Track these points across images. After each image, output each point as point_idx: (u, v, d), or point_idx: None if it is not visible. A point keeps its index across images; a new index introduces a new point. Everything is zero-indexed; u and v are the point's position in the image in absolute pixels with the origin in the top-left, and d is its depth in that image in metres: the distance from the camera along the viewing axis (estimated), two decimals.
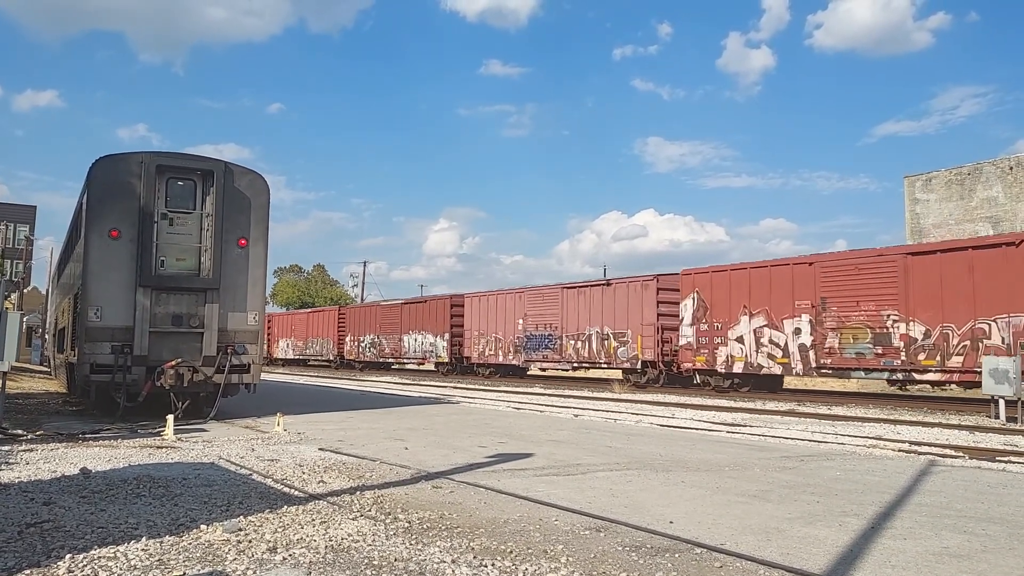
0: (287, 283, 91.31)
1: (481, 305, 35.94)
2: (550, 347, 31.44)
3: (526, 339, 32.79)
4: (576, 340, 30.34)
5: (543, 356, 31.91)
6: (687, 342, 25.32)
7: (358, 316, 46.22)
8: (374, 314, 44.40)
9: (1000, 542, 5.13)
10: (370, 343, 44.28)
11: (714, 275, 24.77)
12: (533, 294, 33.11)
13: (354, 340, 45.76)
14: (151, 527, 5.10)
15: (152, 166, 12.90)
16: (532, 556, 4.57)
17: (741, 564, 4.48)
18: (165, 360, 12.64)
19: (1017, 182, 35.43)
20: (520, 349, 33.04)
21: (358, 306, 47.34)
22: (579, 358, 30.16)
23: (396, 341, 41.62)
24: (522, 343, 32.91)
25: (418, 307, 40.71)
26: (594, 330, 29.53)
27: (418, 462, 8.42)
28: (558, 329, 31.13)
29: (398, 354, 41.53)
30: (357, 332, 45.57)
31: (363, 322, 45.19)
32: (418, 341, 39.97)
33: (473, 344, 36.04)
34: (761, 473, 8.05)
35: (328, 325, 49.34)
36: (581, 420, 14.70)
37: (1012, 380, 15.24)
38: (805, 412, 17.37)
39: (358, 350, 45.22)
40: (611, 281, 29.42)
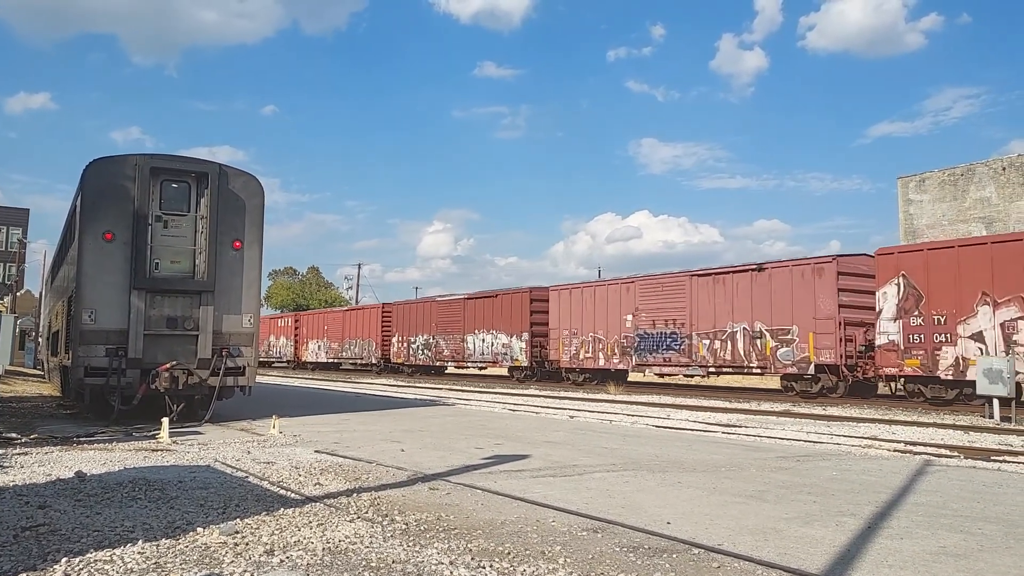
0: (281, 285, 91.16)
1: (573, 299, 30.43)
2: (674, 348, 25.95)
3: (637, 339, 27.26)
4: (712, 339, 24.74)
5: (664, 359, 26.40)
6: (889, 341, 19.82)
7: (408, 314, 41.09)
8: (429, 311, 39.35)
9: (996, 541, 5.14)
10: (423, 344, 39.62)
11: (930, 254, 19.46)
12: (648, 284, 27.47)
13: (402, 341, 41.16)
14: (147, 530, 5.08)
15: (146, 168, 12.87)
16: (530, 557, 4.56)
17: (739, 564, 4.49)
18: (160, 363, 12.60)
19: (1010, 183, 35.57)
20: (629, 351, 27.66)
21: (409, 302, 41.71)
22: (717, 361, 24.60)
23: (457, 342, 36.82)
24: (632, 343, 27.46)
25: (487, 302, 35.25)
26: (739, 326, 23.82)
27: (415, 464, 8.40)
28: (685, 326, 25.55)
29: (459, 357, 36.80)
30: (406, 332, 40.86)
31: (414, 321, 40.27)
32: (486, 342, 35.09)
33: (562, 345, 30.62)
34: (757, 473, 8.06)
35: (369, 325, 44.65)
36: (576, 421, 14.70)
37: (1006, 380, 15.29)
38: (800, 412, 17.40)
39: (408, 352, 40.63)
40: (764, 265, 23.49)
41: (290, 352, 52.57)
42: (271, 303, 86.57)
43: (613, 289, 28.83)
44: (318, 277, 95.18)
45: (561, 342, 30.76)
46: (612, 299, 28.65)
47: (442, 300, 38.93)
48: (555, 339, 31.14)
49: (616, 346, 28.37)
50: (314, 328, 50.86)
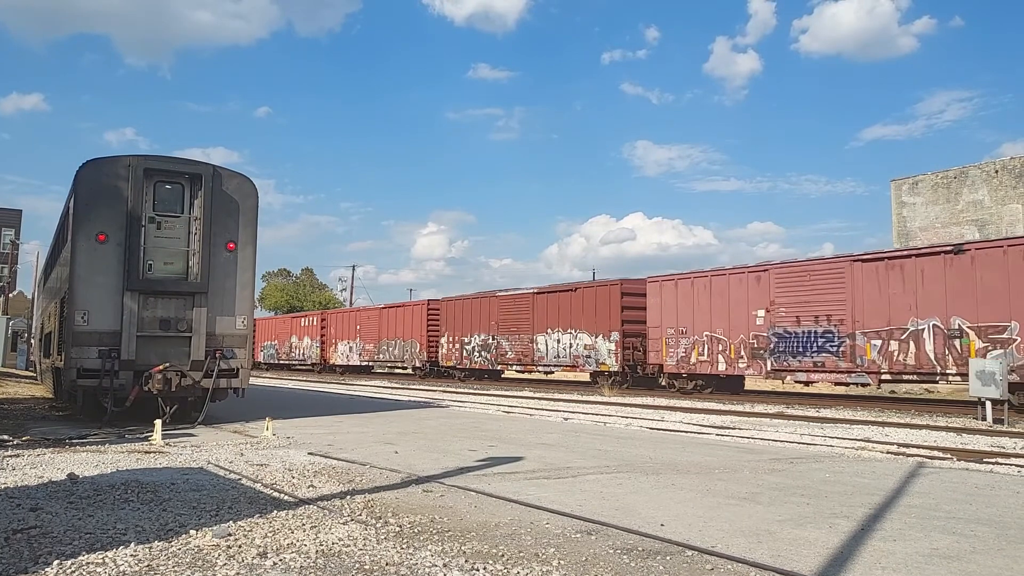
0: (275, 287, 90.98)
1: (680, 292, 25.59)
2: (828, 350, 21.00)
3: (774, 339, 22.38)
4: (886, 339, 19.92)
5: (814, 363, 21.48)
6: None
7: (461, 311, 36.34)
8: (488, 308, 34.59)
9: (989, 543, 5.15)
10: (480, 346, 34.84)
11: None
12: (788, 273, 22.45)
13: (454, 341, 36.65)
14: (140, 532, 5.06)
15: (139, 169, 12.83)
16: (524, 559, 4.56)
17: (732, 566, 4.49)
18: (153, 364, 12.56)
19: (1002, 185, 35.72)
20: (762, 353, 22.76)
21: (462, 298, 36.73)
22: (893, 366, 19.73)
23: (524, 343, 32.13)
24: (765, 345, 22.60)
25: (564, 297, 30.54)
26: (927, 323, 19.04)
27: (408, 466, 8.39)
28: (844, 323, 20.76)
29: (527, 359, 32.03)
30: (458, 331, 36.25)
31: (469, 318, 35.66)
32: (563, 343, 30.36)
33: (665, 347, 25.87)
34: (751, 475, 8.07)
35: (412, 323, 39.95)
36: (571, 423, 14.70)
37: (998, 382, 15.34)
38: (794, 415, 17.43)
39: (461, 354, 36.03)
40: (964, 247, 18.80)
41: (316, 354, 48.47)
42: (265, 305, 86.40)
43: (738, 279, 23.82)
44: (312, 279, 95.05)
45: (664, 343, 25.88)
46: (736, 291, 23.77)
47: (505, 295, 34.13)
48: (656, 339, 26.28)
49: (743, 347, 23.42)
50: (344, 327, 46.08)
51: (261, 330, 55.70)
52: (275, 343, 54.12)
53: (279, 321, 56.15)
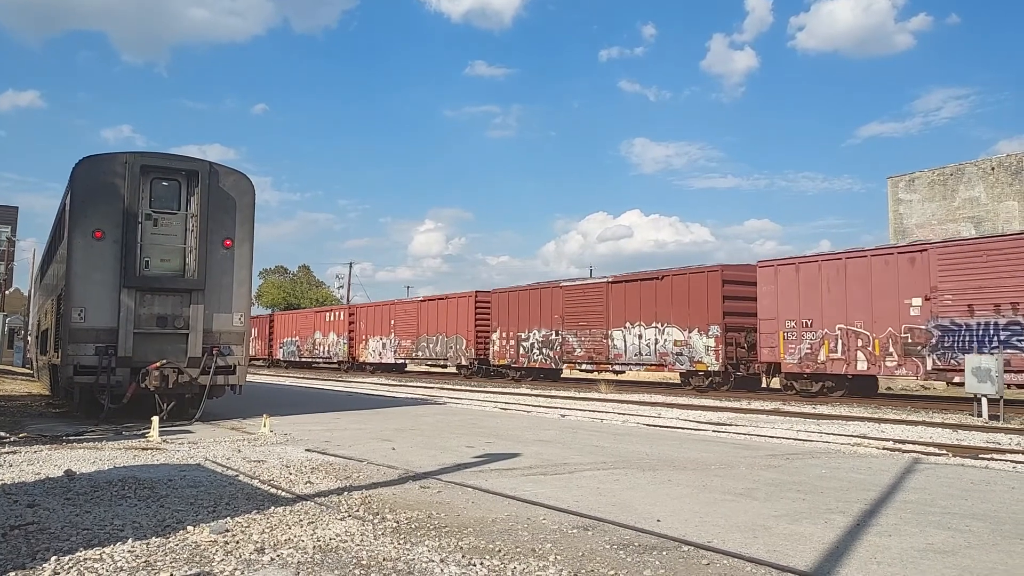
0: (272, 284, 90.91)
1: (802, 278, 21.97)
2: (1016, 344, 17.51)
3: (937, 332, 18.97)
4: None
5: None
6: None
7: (517, 304, 32.52)
8: (550, 300, 30.80)
9: (984, 538, 5.18)
10: (541, 342, 31.25)
11: None
12: (955, 253, 18.93)
13: (507, 338, 32.90)
14: (137, 528, 5.07)
15: (136, 166, 12.82)
16: (521, 555, 4.57)
17: (728, 561, 4.51)
18: (150, 361, 12.55)
19: (999, 182, 35.79)
20: (919, 350, 19.35)
21: (517, 289, 32.86)
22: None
23: (597, 339, 28.45)
24: (925, 339, 19.20)
25: (647, 287, 26.71)
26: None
27: (405, 462, 8.40)
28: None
29: (601, 357, 28.25)
30: (513, 326, 32.50)
31: (526, 312, 31.76)
32: (646, 338, 26.61)
33: (783, 342, 22.33)
34: (747, 471, 8.09)
35: (456, 317, 36.23)
36: (568, 420, 14.72)
37: (994, 379, 15.39)
38: (790, 411, 17.47)
39: (517, 352, 32.40)
40: None
41: (343, 351, 45.36)
42: (262, 302, 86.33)
43: (883, 262, 20.26)
44: (309, 276, 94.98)
45: (782, 337, 22.31)
46: (881, 276, 20.18)
47: (573, 285, 30.47)
48: (769, 333, 22.67)
49: (893, 343, 19.92)
50: (376, 322, 42.48)
51: (281, 326, 53.38)
52: (296, 339, 51.02)
53: (301, 316, 52.76)
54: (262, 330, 54.67)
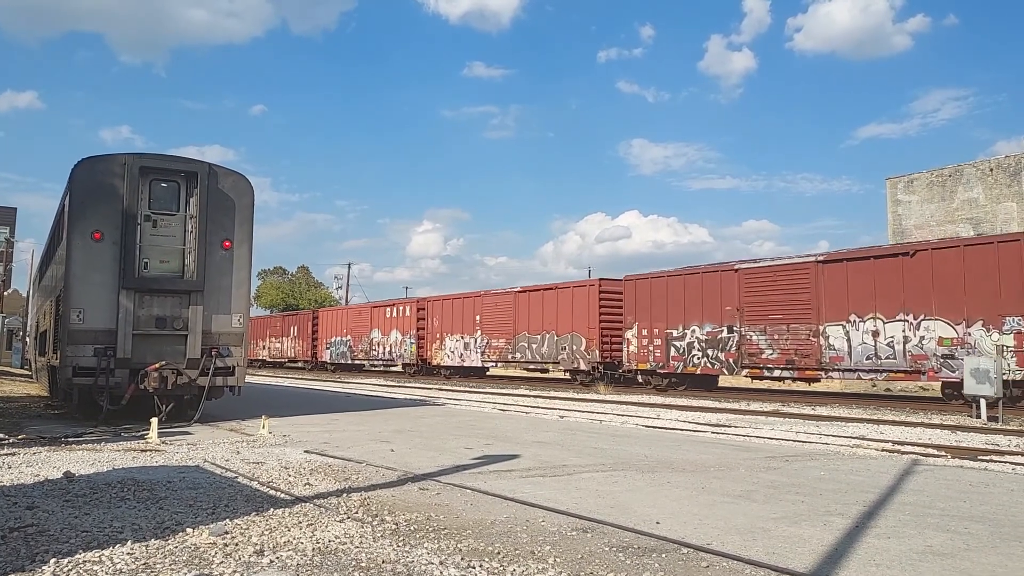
0: (271, 285, 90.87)
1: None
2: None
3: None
4: None
5: None
6: None
7: (662, 292, 25.56)
8: (717, 286, 23.86)
9: (983, 540, 5.18)
10: (706, 340, 24.12)
11: None
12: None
13: (650, 335, 26.00)
14: (136, 530, 5.07)
15: (135, 167, 12.82)
16: (520, 557, 4.57)
17: (727, 564, 4.51)
18: (148, 363, 12.55)
19: (997, 184, 35.83)
20: None
21: (661, 275, 25.99)
22: None
23: (800, 337, 21.71)
24: None
25: (886, 266, 20.00)
26: None
27: (404, 464, 8.40)
28: None
29: (808, 361, 21.38)
30: (659, 320, 25.53)
31: (678, 302, 24.96)
32: (886, 335, 19.84)
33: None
34: (746, 473, 8.09)
35: (570, 311, 29.25)
36: (567, 421, 14.72)
37: (993, 380, 15.39)
38: (789, 412, 17.47)
39: (668, 353, 25.26)
40: None
41: (410, 352, 38.94)
42: (260, 303, 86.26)
43: None
44: (308, 276, 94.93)
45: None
46: None
47: (757, 267, 23.06)
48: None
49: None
50: (455, 318, 35.94)
51: (327, 323, 46.95)
52: (347, 339, 44.62)
53: (353, 313, 45.73)
54: (303, 328, 49.80)
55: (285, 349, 51.80)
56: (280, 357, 52.66)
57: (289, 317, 53.66)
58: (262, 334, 54.54)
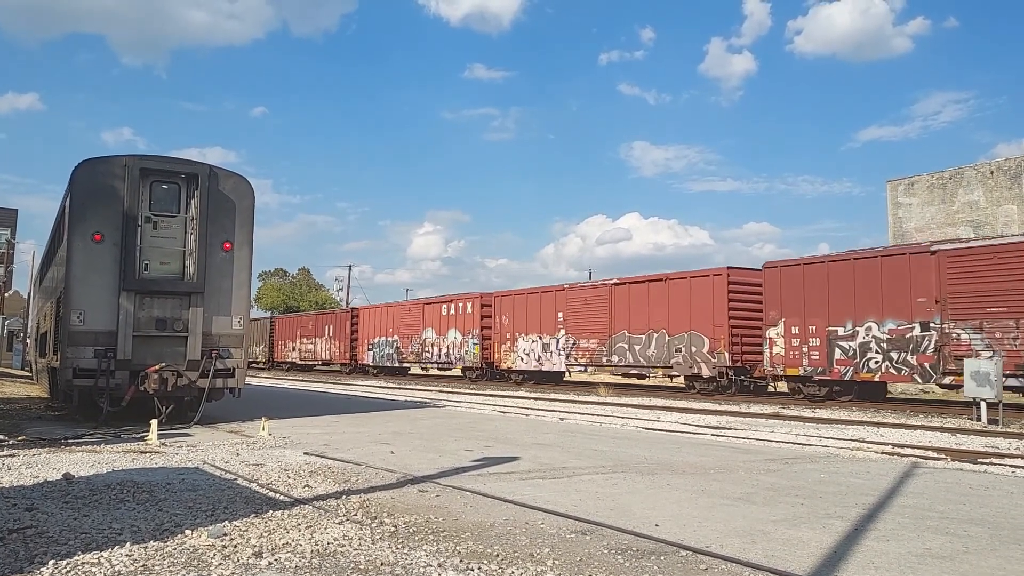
0: (272, 287, 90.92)
1: None
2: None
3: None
4: None
5: None
6: None
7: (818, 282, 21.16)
8: (905, 271, 19.31)
9: (982, 543, 5.18)
10: (885, 341, 19.61)
11: None
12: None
13: (802, 334, 21.50)
14: (135, 532, 5.07)
15: (136, 169, 12.83)
16: (518, 559, 4.57)
17: (726, 566, 4.51)
18: (149, 364, 12.55)
19: (998, 186, 35.82)
20: None
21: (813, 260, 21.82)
22: None
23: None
24: None
25: None
26: None
27: (404, 466, 8.40)
28: None
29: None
30: (815, 316, 21.17)
31: (840, 293, 20.63)
32: None
33: None
34: (746, 476, 8.09)
35: (690, 306, 24.82)
36: (567, 424, 14.71)
37: (993, 383, 15.38)
38: (790, 415, 17.46)
39: (830, 355, 20.74)
40: None
41: (472, 354, 34.64)
42: (261, 304, 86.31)
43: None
44: (308, 278, 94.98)
45: None
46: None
47: (966, 248, 18.66)
48: None
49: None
50: (530, 315, 31.62)
51: (369, 323, 43.20)
52: (395, 339, 40.62)
53: (401, 309, 41.68)
54: (340, 328, 46.27)
55: (319, 351, 48.49)
56: (313, 359, 49.22)
57: (324, 316, 50.40)
58: (291, 334, 52.08)
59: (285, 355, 52.35)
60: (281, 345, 53.27)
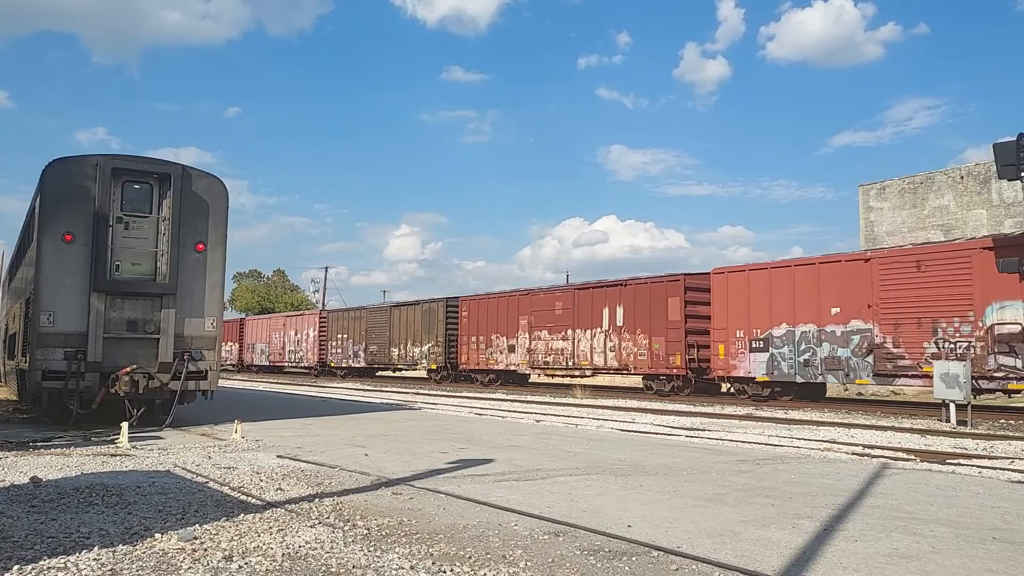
0: (246, 288, 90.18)
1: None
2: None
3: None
4: None
5: None
6: None
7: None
8: None
9: (948, 543, 5.26)
10: None
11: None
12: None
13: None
14: (103, 536, 5.01)
15: (107, 169, 12.68)
16: (491, 561, 4.58)
17: (697, 566, 4.54)
18: (120, 366, 12.41)
19: (967, 191, 36.37)
20: None
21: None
22: None
23: None
24: None
25: None
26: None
27: (378, 468, 8.38)
28: None
29: None
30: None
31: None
32: None
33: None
34: (718, 477, 8.15)
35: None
36: (542, 425, 14.74)
37: (962, 384, 15.62)
38: (763, 416, 17.61)
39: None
40: None
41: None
42: (235, 306, 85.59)
43: None
44: (284, 280, 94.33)
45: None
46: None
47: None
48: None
49: None
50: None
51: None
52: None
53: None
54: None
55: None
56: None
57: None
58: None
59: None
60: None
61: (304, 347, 46.94)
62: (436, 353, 35.93)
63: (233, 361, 53.93)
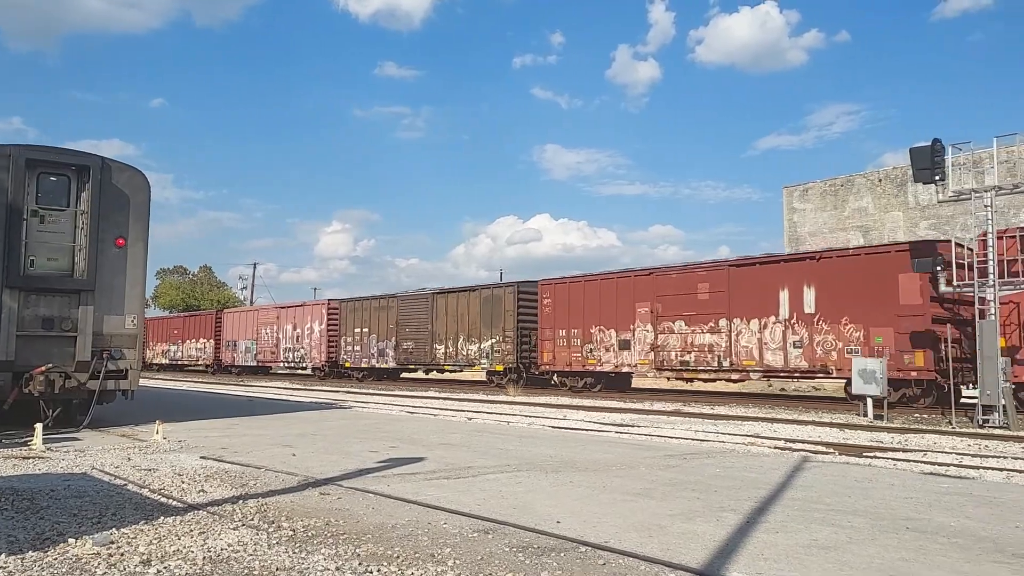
0: (171, 285, 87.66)
1: None
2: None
3: None
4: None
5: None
6: None
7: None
8: None
9: (864, 533, 5.44)
10: None
11: None
12: None
13: None
14: (12, 543, 4.80)
15: (21, 160, 12.16)
16: (419, 560, 4.55)
17: (623, 561, 4.60)
18: (34, 365, 11.92)
19: (885, 194, 37.76)
20: None
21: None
22: None
23: None
24: None
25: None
26: None
27: (306, 469, 8.24)
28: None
29: None
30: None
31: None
32: None
33: None
34: (646, 472, 8.27)
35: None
36: (475, 423, 14.73)
37: (879, 380, 16.22)
38: (690, 412, 17.95)
39: None
40: None
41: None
42: (159, 303, 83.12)
43: None
44: (210, 276, 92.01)
45: None
46: None
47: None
48: None
49: None
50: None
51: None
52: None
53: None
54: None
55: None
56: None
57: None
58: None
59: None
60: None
61: (307, 344, 39.96)
62: (503, 351, 29.53)
63: (207, 361, 47.78)
